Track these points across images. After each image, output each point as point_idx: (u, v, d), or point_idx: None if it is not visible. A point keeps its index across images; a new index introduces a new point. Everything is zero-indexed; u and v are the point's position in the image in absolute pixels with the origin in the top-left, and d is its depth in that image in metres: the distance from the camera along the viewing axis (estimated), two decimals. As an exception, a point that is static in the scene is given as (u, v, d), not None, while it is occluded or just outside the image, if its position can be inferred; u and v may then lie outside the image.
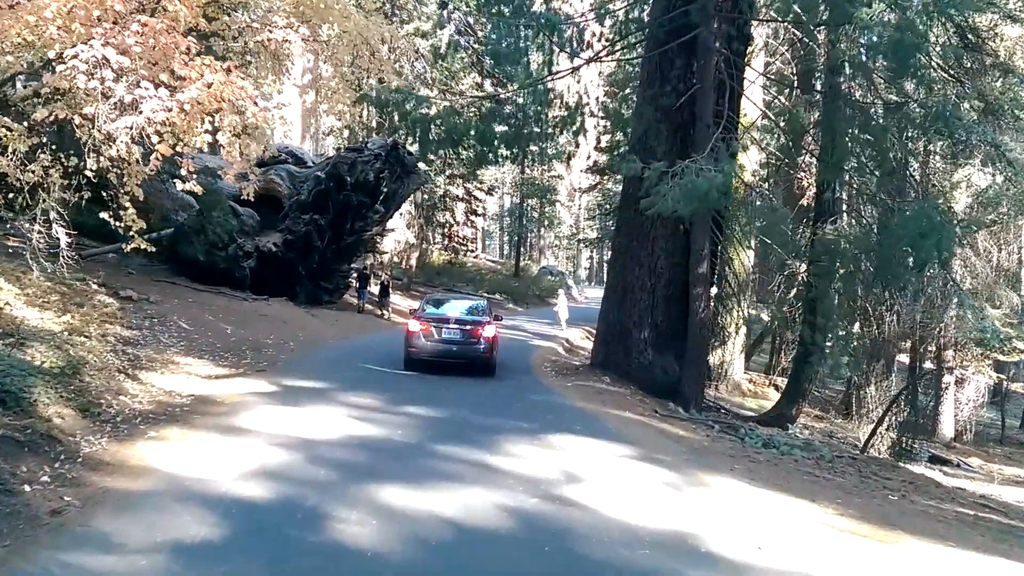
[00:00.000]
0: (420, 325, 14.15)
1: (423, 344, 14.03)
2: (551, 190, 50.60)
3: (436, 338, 14.02)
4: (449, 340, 14.04)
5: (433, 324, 14.12)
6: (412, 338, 14.20)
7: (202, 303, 19.11)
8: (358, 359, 15.49)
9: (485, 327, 14.23)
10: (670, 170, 11.24)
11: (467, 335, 14.10)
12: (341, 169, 23.54)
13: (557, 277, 51.83)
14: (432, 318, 14.35)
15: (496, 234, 77.59)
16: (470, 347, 14.05)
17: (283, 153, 24.84)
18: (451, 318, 14.42)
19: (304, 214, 23.40)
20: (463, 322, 14.29)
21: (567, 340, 26.64)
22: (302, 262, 23.70)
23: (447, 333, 14.07)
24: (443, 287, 39.29)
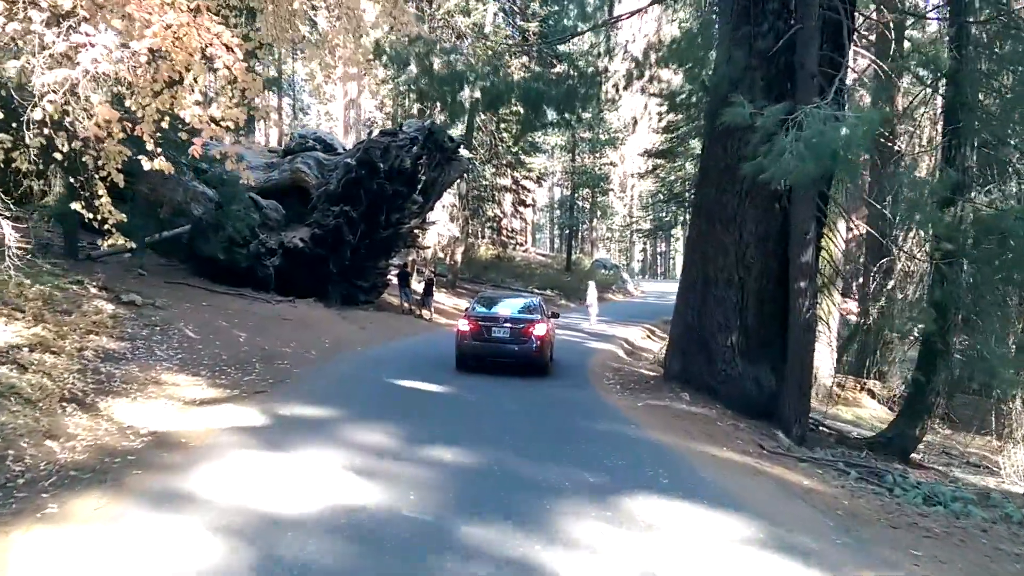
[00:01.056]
0: (470, 324, 13.86)
1: (473, 343, 13.76)
2: (604, 179, 47.77)
3: (486, 337, 13.68)
4: (500, 339, 13.66)
5: (483, 323, 13.82)
6: (462, 337, 13.93)
7: (217, 307, 16.94)
8: (384, 371, 13.08)
9: (536, 325, 13.75)
10: (790, 118, 8.45)
11: (518, 334, 13.62)
12: (373, 154, 21.20)
13: (611, 270, 49.01)
14: (482, 317, 14.06)
15: (545, 227, 74.97)
16: (521, 346, 13.61)
17: (310, 139, 22.63)
18: (501, 317, 14.05)
19: (334, 206, 21.13)
20: (514, 320, 13.86)
21: (626, 341, 23.93)
22: (333, 259, 21.44)
23: (497, 332, 13.68)
24: (490, 283, 36.91)
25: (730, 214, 11.57)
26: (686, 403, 11.17)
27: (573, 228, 48.68)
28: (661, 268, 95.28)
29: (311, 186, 21.65)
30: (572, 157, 47.04)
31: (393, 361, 14.73)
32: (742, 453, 8.19)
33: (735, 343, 11.54)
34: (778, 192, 11.13)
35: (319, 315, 19.43)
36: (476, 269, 39.43)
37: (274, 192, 22.01)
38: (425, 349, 17.32)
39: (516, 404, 10.49)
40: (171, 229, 19.49)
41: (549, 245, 73.62)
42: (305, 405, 9.36)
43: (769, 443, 9.12)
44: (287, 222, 21.78)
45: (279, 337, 15.89)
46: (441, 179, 25.21)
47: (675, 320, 13.48)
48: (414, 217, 24.48)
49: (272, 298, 19.34)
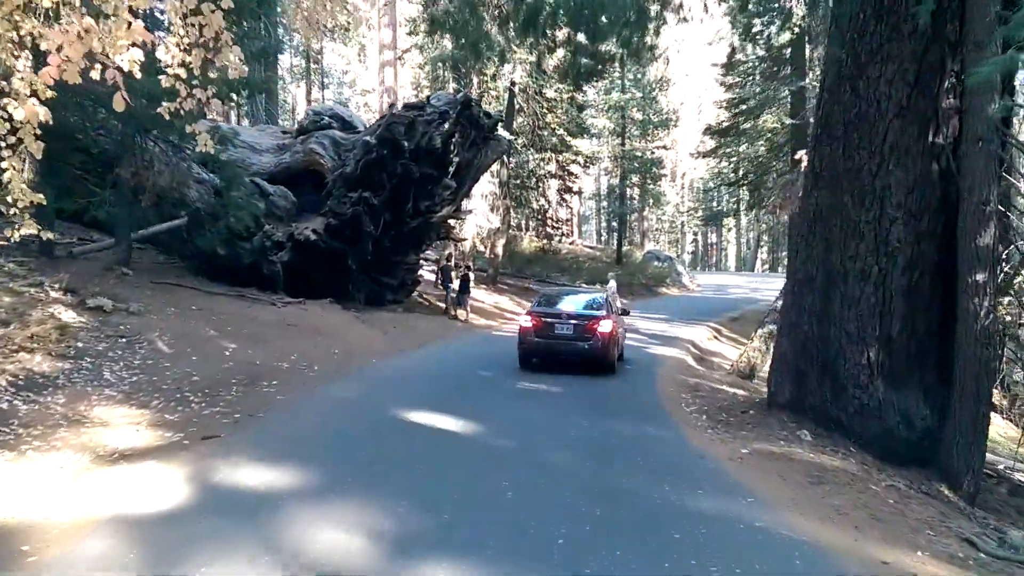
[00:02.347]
0: (532, 321, 13.53)
1: (535, 341, 13.41)
2: (656, 163, 44.26)
3: (550, 334, 13.32)
4: (563, 336, 13.30)
5: (545, 320, 13.47)
6: (524, 334, 13.58)
7: (209, 311, 14.18)
8: (394, 396, 10.12)
9: (601, 322, 13.26)
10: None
11: (583, 331, 13.21)
12: (396, 131, 18.25)
13: (665, 262, 45.52)
14: (545, 314, 13.72)
15: (592, 219, 71.58)
16: (584, 343, 13.15)
17: (326, 116, 19.75)
18: (564, 313, 13.70)
19: (351, 191, 18.23)
20: (578, 317, 13.49)
21: (693, 344, 20.66)
22: (352, 253, 18.56)
23: (561, 329, 13.33)
24: (534, 278, 33.85)
25: (865, 181, 8.27)
26: (809, 446, 7.95)
27: (623, 218, 45.28)
28: (713, 259, 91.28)
29: (326, 170, 18.79)
30: (622, 140, 43.62)
31: (410, 379, 11.76)
32: (948, 561, 4.96)
33: (873, 361, 8.26)
34: (937, 146, 7.87)
35: (333, 319, 16.56)
36: (519, 263, 36.37)
37: (285, 178, 19.21)
38: (454, 361, 14.33)
39: (569, 452, 7.38)
40: (171, 221, 16.80)
41: (596, 237, 70.22)
42: (258, 463, 6.40)
43: (970, 525, 5.87)
44: (299, 211, 18.97)
45: (278, 348, 13.08)
46: (477, 161, 22.19)
47: (783, 328, 10.21)
48: (446, 204, 21.49)
49: (279, 299, 16.52)
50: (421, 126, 19.12)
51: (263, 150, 19.86)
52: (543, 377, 12.50)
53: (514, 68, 29.25)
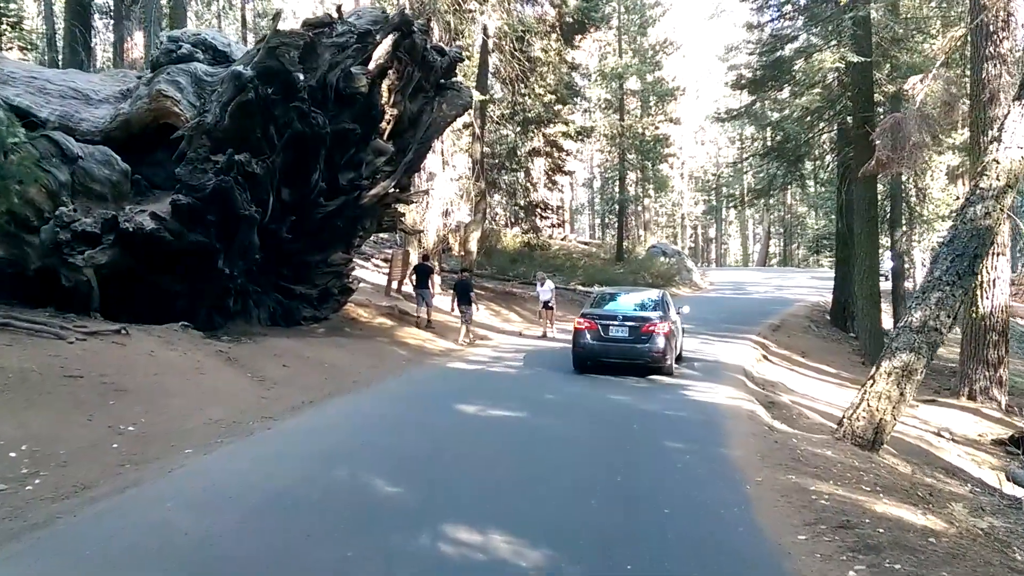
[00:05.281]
0: (586, 323, 12.95)
1: (589, 343, 12.85)
2: (661, 141, 37.53)
3: (604, 337, 12.78)
4: (618, 339, 12.73)
5: (600, 321, 12.92)
6: (579, 336, 13.02)
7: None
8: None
9: (658, 323, 12.61)
10: None
11: (638, 332, 12.61)
12: (284, 58, 11.57)
13: (672, 258, 38.97)
14: (599, 316, 13.13)
15: (585, 211, 64.91)
16: (640, 346, 12.53)
17: (186, 44, 13.01)
18: (619, 314, 13.14)
19: (216, 153, 11.56)
20: (632, 318, 12.94)
21: (745, 373, 14.14)
22: (226, 250, 11.89)
23: (616, 331, 12.76)
24: (518, 280, 27.24)
25: None
26: None
27: (623, 206, 38.55)
28: (713, 254, 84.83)
29: (182, 121, 12.07)
30: (620, 115, 36.94)
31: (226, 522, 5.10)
32: None
33: None
34: None
35: (171, 360, 9.89)
36: (501, 261, 29.78)
37: (125, 137, 12.52)
38: (371, 439, 7.69)
39: None
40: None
41: (590, 232, 63.58)
42: None
43: None
44: (147, 189, 12.30)
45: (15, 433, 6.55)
46: (427, 117, 15.53)
47: None
48: (383, 179, 14.84)
49: (78, 327, 9.81)
50: (328, 53, 12.45)
51: (100, 100, 13.17)
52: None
53: (485, 6, 22.59)
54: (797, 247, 65.66)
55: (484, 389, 11.39)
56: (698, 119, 66.77)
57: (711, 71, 61.71)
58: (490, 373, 13.18)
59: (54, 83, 13.35)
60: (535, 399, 10.54)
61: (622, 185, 38.39)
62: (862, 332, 21.26)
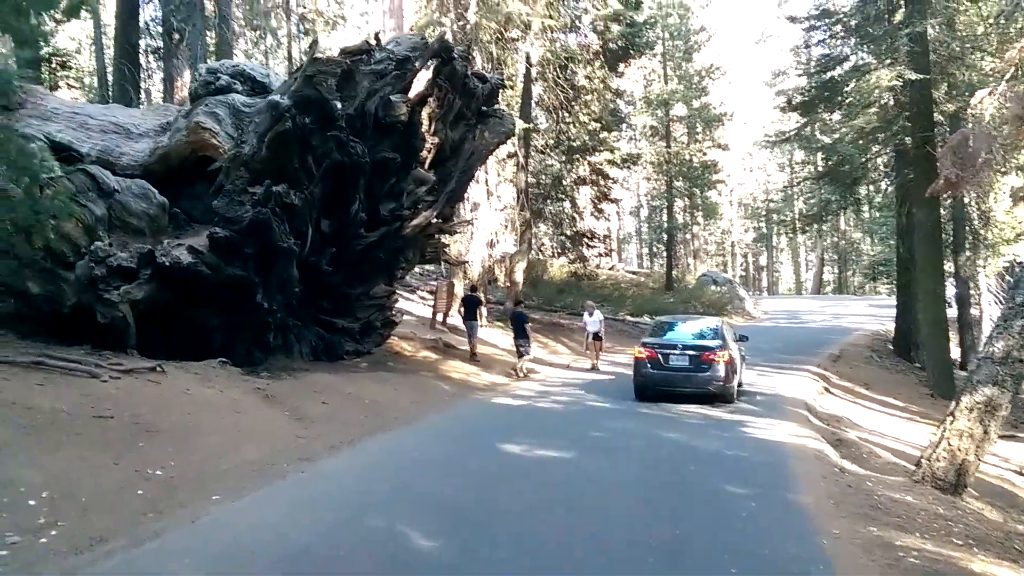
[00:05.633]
0: (646, 352, 13.08)
1: (650, 373, 13.00)
2: (709, 167, 36.81)
3: (663, 366, 12.88)
4: (678, 368, 12.81)
5: (660, 350, 13.01)
6: (639, 365, 13.17)
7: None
8: None
9: (718, 351, 12.67)
10: None
11: (698, 361, 12.69)
12: (322, 87, 11.32)
13: (724, 286, 38.06)
14: (659, 344, 13.22)
15: (633, 240, 64.19)
16: (701, 374, 12.62)
17: (224, 76, 12.88)
18: (678, 343, 13.18)
19: (254, 185, 11.34)
20: (692, 347, 12.96)
21: (807, 407, 13.38)
22: (265, 283, 11.62)
23: (676, 360, 12.85)
24: (566, 311, 26.69)
25: None
26: None
27: (672, 234, 37.82)
28: (764, 282, 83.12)
29: (220, 153, 11.89)
30: (667, 142, 36.36)
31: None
32: None
33: None
34: None
35: (207, 398, 9.57)
36: (547, 292, 29.22)
37: (164, 171, 12.39)
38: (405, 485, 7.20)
39: None
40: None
41: (638, 261, 62.76)
42: None
43: None
44: (186, 222, 12.12)
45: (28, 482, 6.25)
46: (468, 145, 15.20)
47: None
48: (425, 208, 14.50)
49: (112, 365, 9.54)
50: (366, 80, 12.21)
51: (140, 134, 13.08)
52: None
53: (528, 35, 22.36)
54: (852, 274, 63.96)
55: (530, 426, 10.86)
56: (746, 145, 65.81)
57: (758, 97, 60.94)
58: (536, 409, 12.64)
59: (95, 118, 13.32)
60: (584, 437, 9.97)
61: (670, 213, 37.70)
62: (928, 362, 20.22)
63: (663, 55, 37.29)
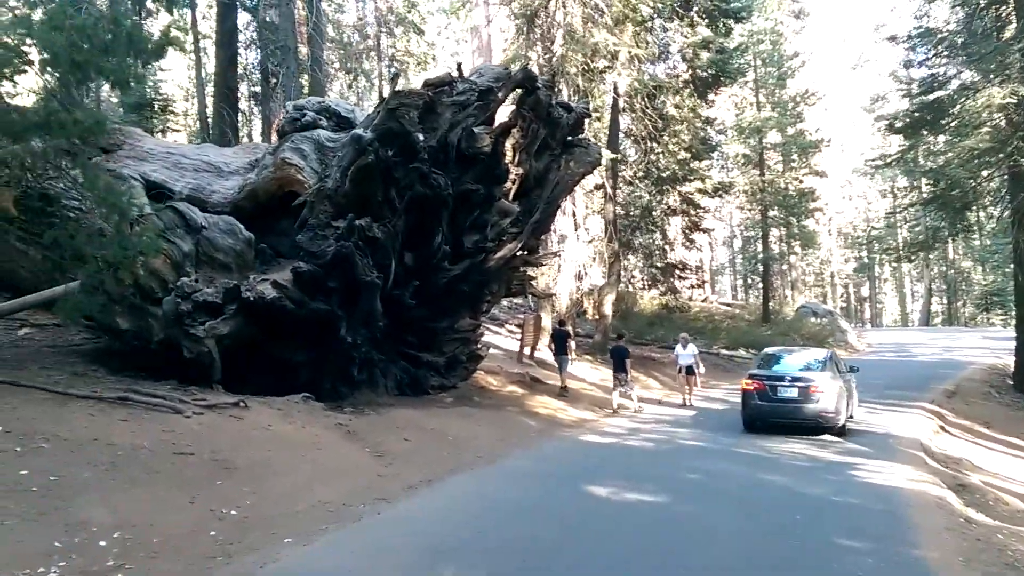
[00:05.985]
0: (754, 384, 13.11)
1: (758, 404, 13.00)
2: (806, 195, 35.53)
3: (772, 397, 12.88)
4: (786, 399, 12.79)
5: (767, 382, 13.04)
6: (747, 398, 13.19)
7: (17, 437, 7.40)
8: None
9: (828, 383, 12.62)
10: None
11: (807, 393, 12.60)
12: (405, 120, 11.22)
13: (824, 318, 36.49)
14: (766, 376, 13.23)
15: (727, 270, 62.59)
16: (810, 405, 12.54)
17: (310, 112, 12.99)
18: (786, 375, 13.18)
19: (337, 219, 11.30)
20: (800, 378, 12.91)
21: (922, 446, 12.36)
22: (348, 317, 11.53)
23: (784, 391, 12.84)
24: (657, 344, 25.95)
25: None
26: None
27: (767, 265, 36.51)
28: (867, 314, 79.68)
29: (305, 188, 11.93)
30: (760, 170, 35.31)
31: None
32: None
33: None
34: None
35: (287, 434, 9.44)
36: (637, 325, 28.52)
37: (252, 207, 12.53)
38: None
39: None
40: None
41: (732, 292, 61.11)
42: None
43: None
44: (272, 257, 12.17)
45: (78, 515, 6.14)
46: (553, 176, 14.89)
47: None
48: (509, 240, 14.23)
49: (196, 400, 9.53)
50: (448, 112, 12.08)
51: (230, 171, 13.33)
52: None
53: (615, 65, 22.05)
54: (963, 305, 60.59)
55: (619, 466, 10.31)
56: (844, 173, 63.70)
57: (855, 123, 58.95)
58: (626, 447, 12.05)
59: (189, 158, 13.66)
60: (677, 480, 9.37)
61: (765, 242, 36.49)
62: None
63: (755, 82, 36.43)
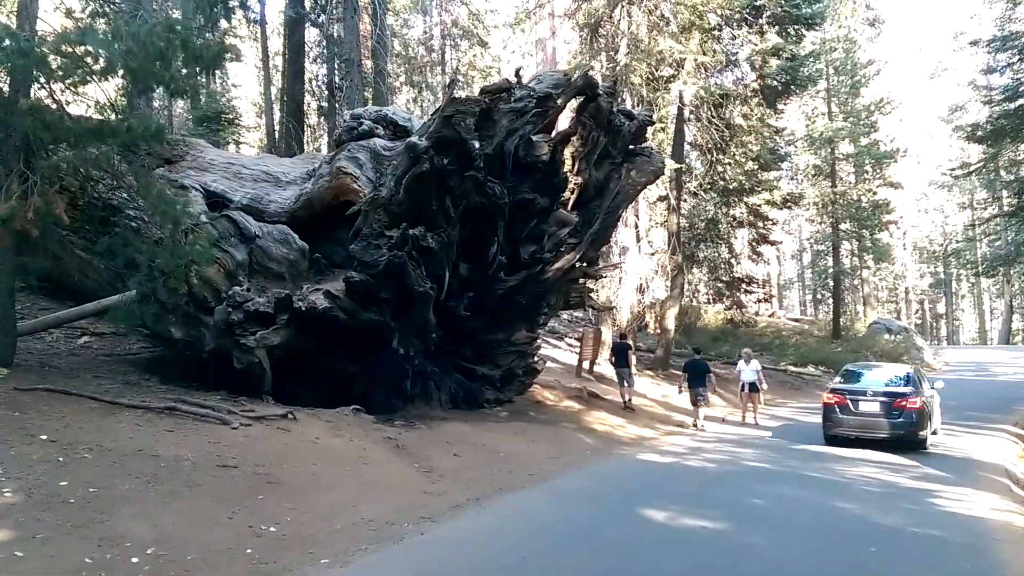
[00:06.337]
0: (835, 399, 13.33)
1: (839, 419, 13.22)
2: (880, 207, 34.23)
3: (852, 411, 13.10)
4: (868, 414, 12.99)
5: (849, 397, 13.24)
6: (828, 412, 13.43)
7: (59, 447, 7.33)
8: None
9: (910, 398, 12.76)
10: None
11: (889, 408, 12.79)
12: (460, 128, 10.96)
13: (899, 335, 35.06)
14: (849, 391, 13.42)
15: (795, 285, 60.93)
16: (891, 421, 12.73)
17: (367, 120, 12.85)
18: (868, 390, 13.32)
19: (391, 228, 11.10)
20: (883, 393, 13.09)
21: (1007, 474, 11.50)
22: (400, 328, 11.31)
23: (865, 406, 13.01)
24: (722, 359, 25.18)
25: None
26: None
27: (838, 279, 35.28)
28: (943, 331, 76.70)
29: (360, 197, 11.77)
30: (832, 181, 34.16)
31: None
32: None
33: None
34: None
35: (334, 447, 9.24)
36: (701, 340, 27.69)
37: (308, 217, 12.45)
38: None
39: None
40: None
41: (800, 308, 59.43)
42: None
43: None
44: (327, 267, 12.03)
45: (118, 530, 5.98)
46: (614, 186, 14.46)
47: None
48: (567, 251, 13.85)
49: (244, 411, 9.39)
50: (505, 119, 11.78)
51: (288, 181, 13.30)
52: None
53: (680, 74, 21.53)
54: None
55: (677, 489, 9.80)
56: (920, 185, 61.53)
57: (932, 134, 56.91)
58: (686, 468, 11.51)
59: (248, 168, 13.69)
60: (739, 504, 8.82)
61: (836, 256, 35.26)
62: None
63: (827, 91, 35.32)
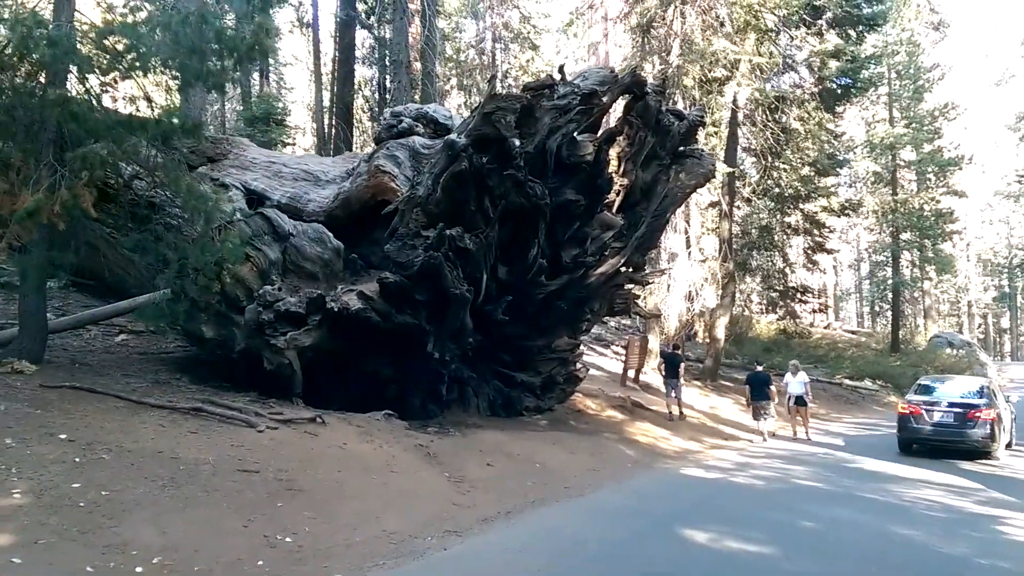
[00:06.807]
0: (911, 409, 13.93)
1: (914, 428, 13.83)
2: (943, 217, 32.91)
3: (927, 421, 13.70)
4: (942, 424, 13.55)
5: (925, 407, 13.83)
6: (903, 421, 14.08)
7: (78, 447, 7.12)
8: None
9: (984, 410, 13.31)
10: None
11: (963, 418, 13.33)
12: (500, 124, 10.56)
13: (961, 349, 33.67)
14: (923, 402, 13.99)
15: (853, 296, 59.21)
16: (964, 431, 13.31)
17: (407, 119, 12.54)
18: (943, 400, 13.90)
19: (428, 228, 10.75)
20: (957, 404, 13.62)
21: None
22: (435, 332, 10.96)
23: (940, 416, 13.59)
24: (772, 371, 24.32)
25: None
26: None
27: (897, 290, 34.03)
28: (1007, 347, 73.94)
29: (398, 195, 11.45)
30: (892, 189, 32.95)
31: None
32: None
33: None
34: None
35: (363, 454, 8.90)
36: (752, 350, 26.96)
37: (346, 216, 12.19)
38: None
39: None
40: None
41: (857, 319, 57.73)
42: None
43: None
44: (359, 267, 11.73)
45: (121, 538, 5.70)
46: (662, 188, 13.92)
47: None
48: (611, 255, 13.36)
49: (271, 414, 9.12)
50: (548, 117, 11.35)
51: (328, 180, 13.06)
52: None
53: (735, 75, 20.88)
54: None
55: (722, 507, 9.23)
56: (985, 195, 59.40)
57: (998, 142, 54.88)
58: (731, 485, 10.91)
59: (289, 167, 13.52)
60: (789, 528, 8.21)
61: (895, 267, 33.98)
62: None
63: (888, 95, 34.15)
